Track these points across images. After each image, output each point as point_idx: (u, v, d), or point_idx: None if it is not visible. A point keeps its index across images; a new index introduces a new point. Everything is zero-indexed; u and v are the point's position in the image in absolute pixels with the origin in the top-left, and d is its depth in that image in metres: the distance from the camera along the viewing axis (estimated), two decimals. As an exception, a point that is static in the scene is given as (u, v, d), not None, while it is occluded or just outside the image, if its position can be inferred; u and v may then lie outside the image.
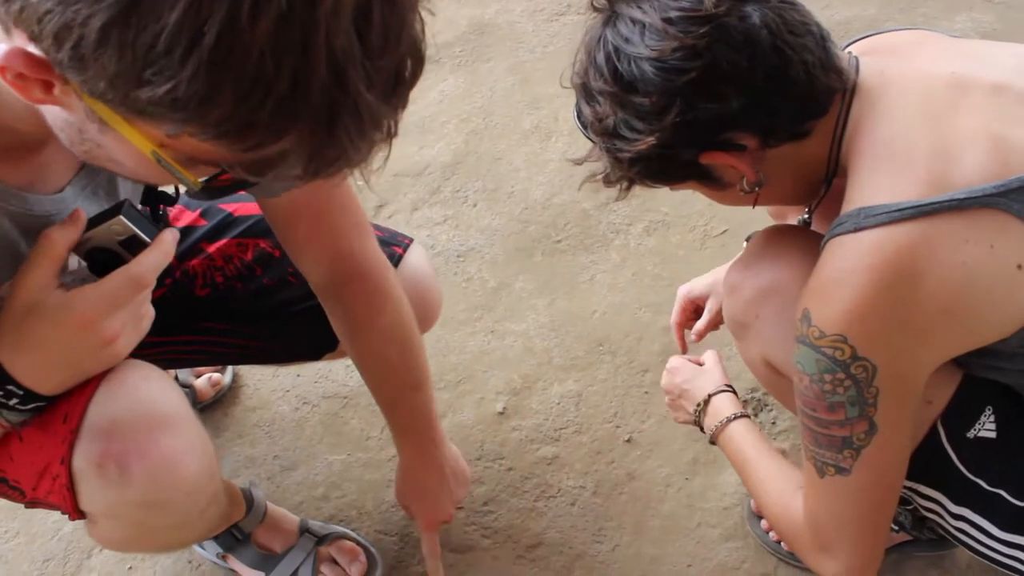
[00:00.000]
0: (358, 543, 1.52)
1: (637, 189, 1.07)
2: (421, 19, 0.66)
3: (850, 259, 0.92)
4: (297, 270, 1.27)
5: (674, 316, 1.56)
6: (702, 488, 1.59)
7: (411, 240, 1.43)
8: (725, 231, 2.02)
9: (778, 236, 1.19)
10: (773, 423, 1.66)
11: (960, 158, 0.91)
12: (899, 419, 0.99)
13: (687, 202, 2.10)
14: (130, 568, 1.57)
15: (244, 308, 1.40)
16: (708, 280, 1.53)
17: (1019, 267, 0.90)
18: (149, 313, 0.94)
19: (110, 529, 1.09)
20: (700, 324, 1.53)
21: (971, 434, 1.07)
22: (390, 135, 0.68)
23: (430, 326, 1.49)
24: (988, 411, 1.06)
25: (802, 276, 0.99)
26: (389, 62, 0.63)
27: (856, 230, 0.92)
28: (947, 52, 1.03)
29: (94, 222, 0.89)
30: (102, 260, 0.91)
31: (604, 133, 1.03)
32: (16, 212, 0.89)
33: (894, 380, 0.95)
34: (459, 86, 2.48)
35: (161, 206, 1.18)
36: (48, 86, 0.67)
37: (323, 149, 0.65)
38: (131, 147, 0.69)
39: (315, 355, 1.48)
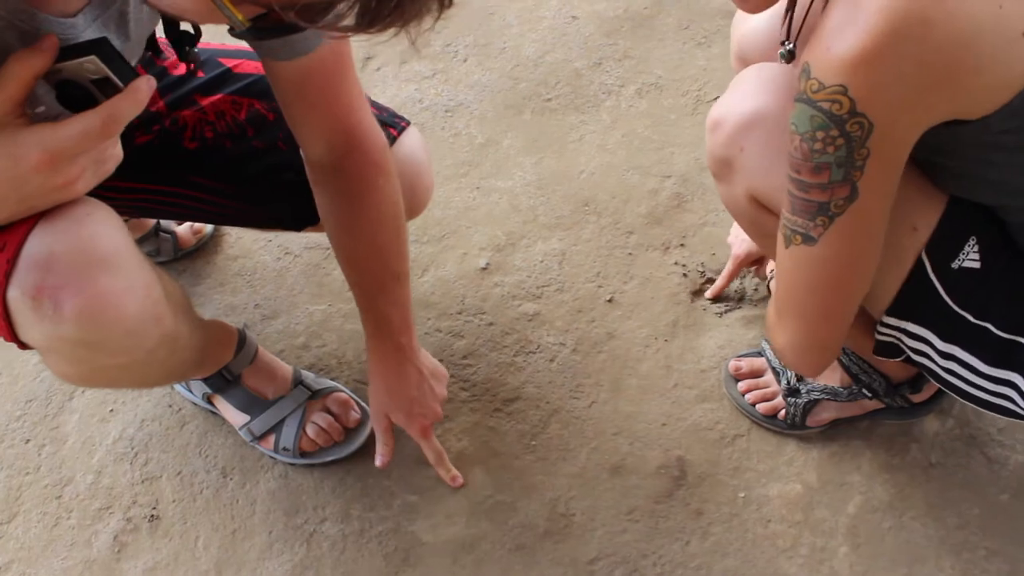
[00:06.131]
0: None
1: (632, 50, 1.04)
2: None
3: (857, 2, 0.87)
4: (288, 137, 1.24)
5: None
6: (680, 350, 1.60)
7: (408, 123, 1.40)
8: (718, 97, 1.97)
9: (756, 71, 1.16)
10: (755, 289, 1.67)
11: None
12: (882, 188, 0.97)
13: (681, 66, 2.05)
14: (111, 411, 1.59)
15: (230, 168, 1.37)
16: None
17: (1023, 35, 0.86)
18: (115, 156, 0.91)
19: (56, 363, 1.08)
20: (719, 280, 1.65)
21: (956, 264, 1.06)
22: (444, 2, 0.68)
23: (418, 213, 1.47)
24: (972, 241, 1.05)
25: (786, 103, 0.96)
26: None
27: None
28: None
29: (70, 52, 0.85)
30: (73, 95, 0.87)
31: None
32: (25, 30, 0.86)
33: (887, 143, 0.92)
34: (453, -64, 2.39)
35: (188, 46, 1.14)
36: None
37: (381, 0, 0.64)
38: None
39: (297, 226, 1.46)
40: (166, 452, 1.53)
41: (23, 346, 1.02)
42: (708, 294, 1.66)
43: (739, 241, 1.60)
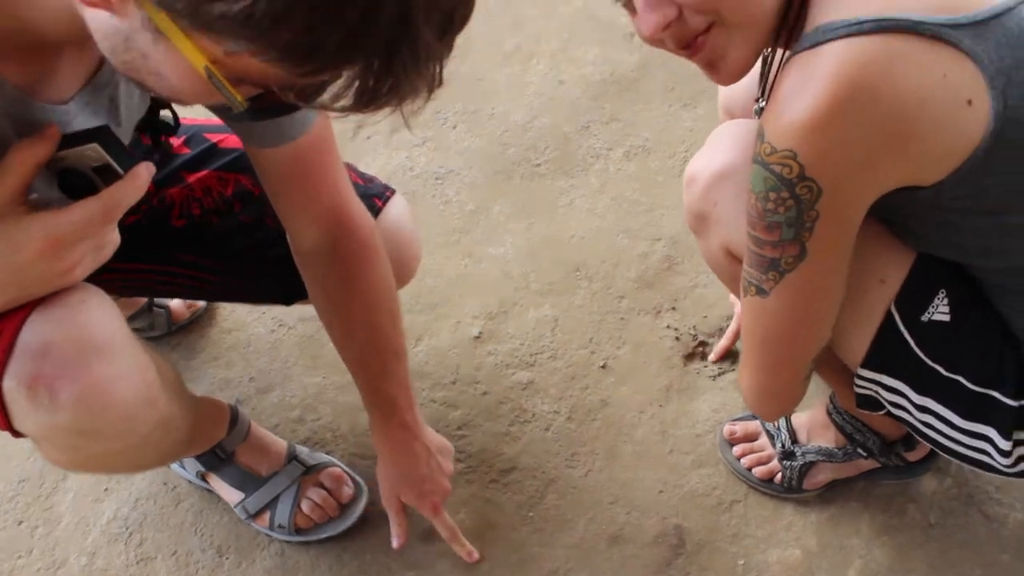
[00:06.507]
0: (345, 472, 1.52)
1: (619, 113, 1.05)
2: None
3: (807, 71, 0.89)
4: (275, 211, 1.25)
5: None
6: (675, 415, 1.60)
7: (393, 192, 1.41)
8: (706, 157, 2.00)
9: (732, 127, 1.19)
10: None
11: None
12: (832, 248, 0.99)
13: (668, 128, 2.08)
14: (106, 490, 1.57)
15: (217, 244, 1.37)
16: None
17: (969, 103, 0.89)
18: (113, 241, 0.93)
19: (50, 451, 1.08)
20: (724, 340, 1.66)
21: (925, 317, 1.08)
22: (435, 82, 0.69)
23: (406, 282, 1.47)
24: (941, 294, 1.07)
25: None
26: (447, 3, 0.66)
27: (814, 46, 0.90)
28: None
29: (71, 140, 0.87)
30: (74, 183, 0.89)
31: None
32: (18, 117, 0.88)
33: (836, 207, 0.94)
34: (439, 4, 2.42)
35: (163, 136, 1.16)
36: None
37: (378, 82, 0.66)
38: (181, 61, 0.69)
39: (286, 300, 1.46)
40: (161, 531, 1.52)
41: (17, 435, 1.02)
42: (712, 357, 1.66)
43: None
